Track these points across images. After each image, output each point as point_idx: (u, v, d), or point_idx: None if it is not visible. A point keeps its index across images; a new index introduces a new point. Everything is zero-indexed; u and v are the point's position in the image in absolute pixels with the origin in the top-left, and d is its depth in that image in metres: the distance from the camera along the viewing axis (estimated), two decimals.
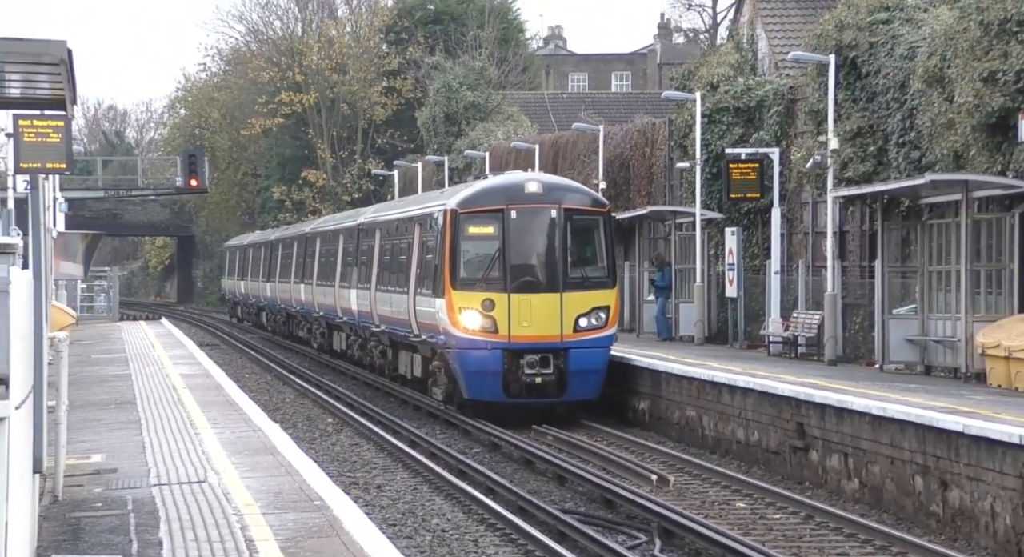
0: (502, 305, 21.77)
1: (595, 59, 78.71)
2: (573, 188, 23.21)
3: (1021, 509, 13.03)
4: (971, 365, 19.19)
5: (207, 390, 19.81)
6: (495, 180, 23.32)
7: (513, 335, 21.71)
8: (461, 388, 22.26)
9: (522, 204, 22.08)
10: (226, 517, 10.17)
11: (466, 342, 21.82)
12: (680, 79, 32.81)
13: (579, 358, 21.76)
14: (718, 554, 12.87)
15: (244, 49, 71.52)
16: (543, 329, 21.76)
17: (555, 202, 22.16)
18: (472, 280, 22.02)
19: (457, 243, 22.13)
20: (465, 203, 22.39)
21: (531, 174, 23.96)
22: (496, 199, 22.25)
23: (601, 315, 22.00)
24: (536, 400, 21.87)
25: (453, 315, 21.89)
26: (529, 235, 22.08)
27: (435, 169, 48.59)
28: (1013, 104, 18.62)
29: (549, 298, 21.83)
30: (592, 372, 21.91)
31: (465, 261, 22.18)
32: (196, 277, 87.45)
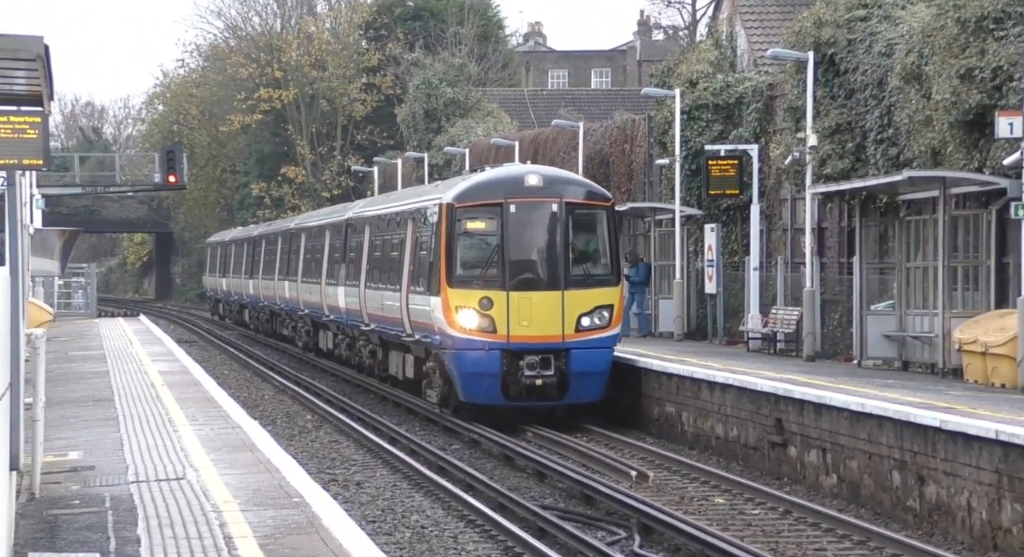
0: (500, 304, 20.75)
1: (575, 56, 78.75)
2: (575, 181, 22.27)
3: (997, 504, 13.11)
4: (948, 361, 19.28)
5: (186, 387, 19.75)
6: (493, 173, 22.20)
7: (512, 335, 20.71)
8: (457, 391, 21.28)
9: (521, 198, 21.03)
10: (205, 514, 10.15)
11: (463, 342, 20.80)
12: (660, 76, 32.86)
13: (581, 359, 20.78)
14: (697, 550, 12.90)
15: (223, 45, 71.30)
16: (543, 329, 20.75)
17: (556, 195, 21.10)
18: (469, 278, 21.02)
19: (453, 239, 21.09)
20: (462, 197, 21.31)
21: (531, 166, 22.98)
22: (494, 192, 21.18)
23: (604, 314, 20.98)
24: (536, 403, 20.92)
25: (449, 314, 20.86)
26: (529, 230, 21.05)
27: (415, 166, 48.55)
28: (990, 101, 18.71)
29: (550, 296, 20.82)
30: (595, 374, 20.92)
31: (462, 258, 21.15)
32: (175, 274, 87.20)
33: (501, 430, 20.13)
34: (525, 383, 20.65)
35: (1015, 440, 12.80)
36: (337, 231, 30.89)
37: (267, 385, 30.57)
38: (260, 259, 44.12)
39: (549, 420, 21.17)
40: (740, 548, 12.58)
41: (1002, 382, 17.73)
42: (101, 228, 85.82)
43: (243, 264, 48.07)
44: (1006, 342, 17.61)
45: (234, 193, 71.99)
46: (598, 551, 12.55)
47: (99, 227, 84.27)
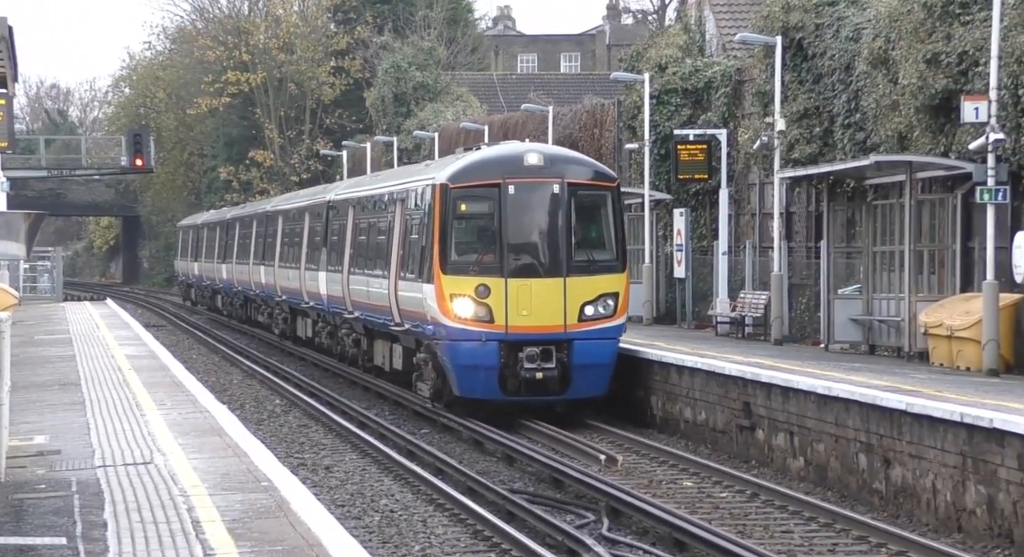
0: (498, 291, 19.38)
1: (544, 40, 78.65)
2: (578, 160, 20.73)
3: (961, 486, 13.23)
4: (914, 344, 19.43)
5: (153, 371, 19.66)
6: (490, 151, 20.73)
7: (510, 325, 19.35)
8: (451, 384, 19.92)
9: (521, 178, 19.58)
10: (172, 498, 10.12)
11: (457, 333, 19.44)
12: (629, 60, 32.86)
13: (584, 351, 19.44)
14: (665, 533, 12.97)
15: (189, 27, 70.80)
16: (544, 318, 19.39)
17: (558, 176, 19.66)
18: (464, 264, 19.63)
19: (447, 222, 19.65)
20: (457, 177, 19.85)
21: (531, 144, 21.52)
22: (491, 172, 19.74)
23: (609, 302, 19.66)
24: (536, 398, 19.60)
25: (443, 302, 19.50)
26: (529, 213, 19.61)
27: (384, 150, 48.41)
28: (956, 86, 18.82)
29: (551, 284, 19.45)
30: (599, 367, 19.60)
31: (456, 242, 19.74)
32: (142, 257, 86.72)
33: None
34: (524, 377, 19.38)
35: (979, 423, 12.92)
36: (318, 214, 29.67)
37: (235, 369, 30.47)
38: (234, 243, 42.79)
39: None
40: (708, 530, 12.65)
41: (967, 365, 17.88)
42: (67, 211, 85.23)
43: (216, 248, 46.66)
44: (971, 325, 17.75)
45: (202, 177, 71.61)
46: (567, 534, 12.60)
47: (65, 210, 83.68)
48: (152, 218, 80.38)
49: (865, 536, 12.97)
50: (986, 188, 17.59)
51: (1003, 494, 12.61)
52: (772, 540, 12.98)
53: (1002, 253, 17.66)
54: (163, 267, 79.13)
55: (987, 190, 17.58)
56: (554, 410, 19.92)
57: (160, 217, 78.08)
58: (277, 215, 35.65)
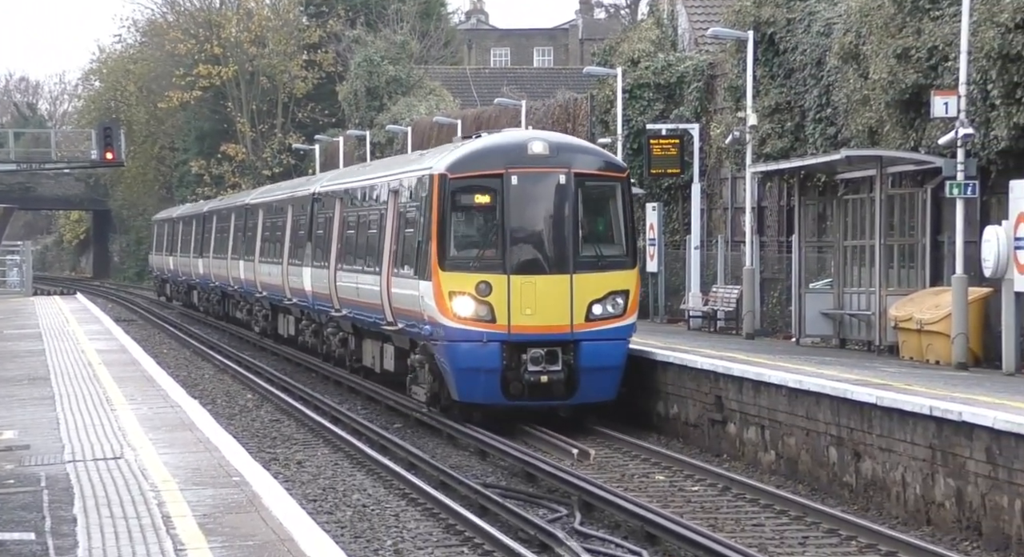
0: (500, 289, 18.18)
1: (517, 34, 78.63)
2: (585, 148, 19.51)
3: (931, 479, 13.32)
4: (884, 338, 19.54)
5: (124, 366, 19.56)
6: (491, 139, 19.36)
7: (514, 325, 18.15)
8: (450, 388, 18.67)
9: (525, 168, 18.38)
10: (143, 493, 10.08)
11: (457, 333, 18.20)
12: (601, 55, 32.90)
13: (592, 353, 18.29)
14: (637, 526, 13.00)
15: (160, 20, 70.42)
16: (549, 318, 18.22)
17: (564, 165, 18.47)
18: (465, 259, 18.42)
19: (446, 215, 18.40)
20: (456, 166, 18.58)
21: (535, 132, 20.39)
22: (493, 162, 18.50)
23: (618, 301, 18.49)
24: (540, 402, 18.48)
25: (441, 301, 18.26)
26: (533, 205, 18.42)
27: (357, 143, 48.29)
28: (926, 80, 18.92)
29: (557, 281, 18.29)
30: (607, 369, 18.46)
31: (456, 236, 18.51)
32: (112, 252, 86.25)
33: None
34: (528, 380, 18.19)
35: (948, 416, 13.00)
36: (302, 206, 28.30)
37: (207, 364, 30.35)
38: (211, 237, 41.27)
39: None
40: (679, 524, 12.69)
41: (936, 359, 18.00)
42: (36, 205, 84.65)
43: (192, 242, 45.14)
44: (940, 319, 17.86)
45: (173, 171, 71.25)
46: (539, 528, 12.62)
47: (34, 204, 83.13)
48: (123, 212, 79.96)
49: (835, 529, 13.04)
50: (955, 183, 17.69)
51: (971, 487, 12.70)
52: (743, 533, 13.03)
53: (971, 247, 17.77)
54: (134, 261, 78.73)
55: (956, 185, 17.69)
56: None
57: (131, 211, 77.66)
58: (257, 208, 34.54)
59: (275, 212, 31.87)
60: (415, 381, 20.24)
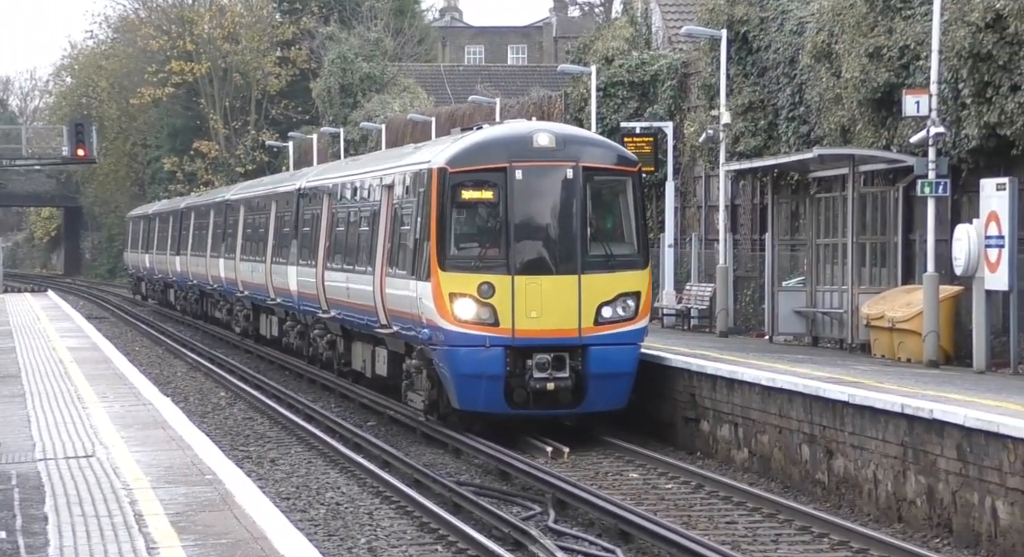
0: (504, 290, 17.10)
1: (491, 32, 78.62)
2: (594, 141, 18.44)
3: (902, 476, 13.40)
4: (856, 336, 19.64)
5: (95, 363, 19.46)
6: (493, 131, 18.27)
7: (518, 329, 17.09)
8: (450, 395, 17.55)
9: (530, 161, 17.30)
10: (115, 492, 10.03)
11: (458, 337, 17.09)
12: (575, 52, 32.93)
13: (601, 358, 17.22)
14: (611, 524, 13.03)
15: (132, 16, 70.09)
16: (556, 321, 17.15)
17: (572, 159, 17.39)
18: (466, 259, 17.32)
19: (446, 211, 17.30)
20: (457, 160, 17.47)
21: (541, 123, 18.99)
22: (496, 155, 17.42)
23: (629, 303, 17.41)
24: (546, 411, 17.43)
25: (441, 303, 17.16)
26: (539, 201, 17.37)
27: (330, 141, 48.18)
28: (897, 79, 19.02)
29: (564, 282, 17.21)
30: (618, 376, 17.39)
31: (456, 235, 17.41)
32: (84, 249, 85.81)
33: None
34: (534, 387, 17.14)
35: (919, 413, 13.08)
36: (286, 202, 27.14)
37: (179, 362, 30.23)
38: (189, 234, 39.95)
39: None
40: (653, 522, 12.73)
41: (908, 356, 18.10)
42: (7, 202, 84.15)
43: (169, 239, 43.88)
44: (911, 317, 17.97)
45: (145, 167, 70.92)
46: (513, 526, 12.62)
47: (5, 201, 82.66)
48: (95, 209, 79.57)
49: (808, 526, 13.10)
50: (927, 181, 17.80)
51: (942, 484, 12.79)
52: (716, 531, 13.08)
53: (942, 246, 17.88)
54: (106, 258, 78.34)
55: (928, 183, 17.79)
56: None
57: (103, 208, 77.28)
58: (238, 204, 33.29)
59: (257, 208, 30.84)
60: (411, 388, 19.08)
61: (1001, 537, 11.97)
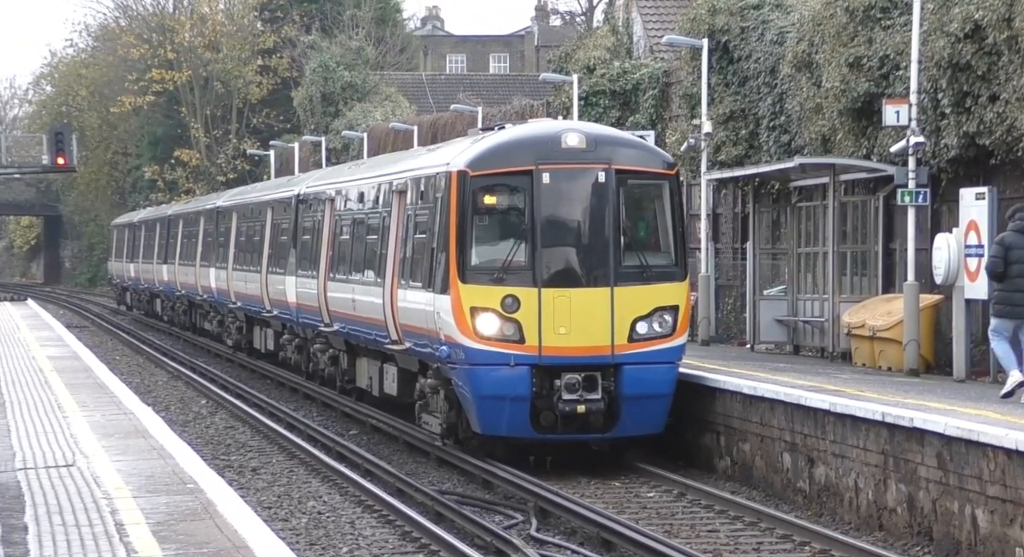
0: (530, 304, 15.77)
1: (473, 41, 78.72)
2: (627, 141, 17.00)
3: (883, 485, 13.45)
4: (837, 345, 19.71)
5: (76, 372, 19.39)
6: (518, 131, 16.92)
7: (545, 346, 15.75)
8: (471, 419, 16.16)
9: (558, 164, 15.97)
10: (95, 501, 9.99)
11: (479, 355, 15.74)
12: (557, 62, 33.01)
13: (636, 378, 15.93)
14: (593, 532, 13.04)
15: (113, 25, 69.93)
16: (587, 338, 15.83)
17: (604, 161, 16.06)
18: (488, 269, 15.95)
19: (466, 219, 15.95)
20: (478, 162, 16.11)
21: (569, 123, 17.78)
22: (521, 157, 16.10)
23: (667, 318, 16.12)
24: (576, 436, 16.07)
25: (461, 318, 15.80)
26: (568, 206, 16.04)
27: (312, 149, 48.14)
28: (877, 89, 19.13)
29: (595, 295, 15.88)
30: (654, 397, 16.10)
31: (478, 244, 16.04)
32: (64, 257, 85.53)
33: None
34: (562, 410, 15.75)
35: (900, 422, 13.13)
36: (284, 209, 25.70)
37: (161, 371, 30.14)
38: (177, 242, 38.63)
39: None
40: (635, 530, 12.74)
41: (888, 365, 18.17)
42: None
43: (155, 248, 42.44)
44: (892, 326, 18.04)
45: (126, 176, 70.74)
46: (495, 535, 12.62)
47: None
48: (75, 218, 79.32)
49: (789, 534, 13.13)
50: (907, 190, 17.88)
51: (923, 492, 12.84)
52: (699, 539, 13.11)
53: (922, 255, 17.97)
54: (86, 267, 78.07)
55: (908, 192, 17.88)
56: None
57: (83, 217, 77.05)
58: (231, 211, 31.76)
59: (252, 215, 29.34)
60: (426, 409, 17.58)
61: (981, 545, 12.02)
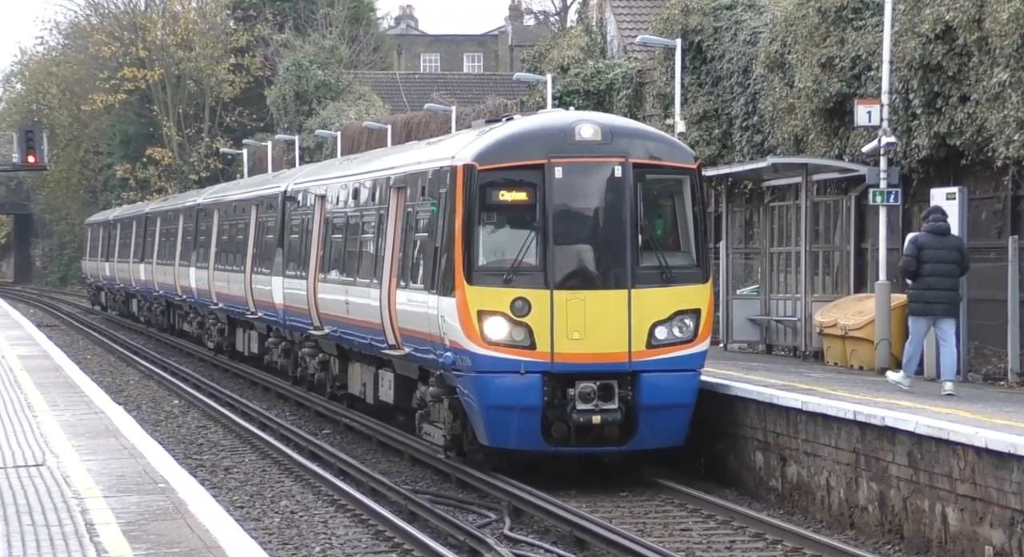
0: (542, 307, 14.76)
1: (447, 40, 78.66)
2: (646, 133, 15.94)
3: (854, 483, 13.51)
4: (810, 344, 19.80)
5: (46, 372, 19.27)
6: (528, 122, 15.82)
7: (558, 352, 14.75)
8: (477, 430, 15.15)
9: (571, 157, 14.96)
10: (65, 501, 9.93)
11: (487, 362, 14.74)
12: (531, 61, 33.03)
13: (655, 387, 14.94)
14: (566, 531, 13.05)
15: (84, 23, 69.55)
16: (602, 344, 14.84)
17: (620, 154, 15.03)
18: (496, 270, 14.91)
19: (474, 216, 14.93)
20: (486, 156, 15.09)
21: (583, 113, 16.69)
22: (532, 150, 15.06)
23: (687, 322, 15.10)
24: (591, 449, 15.12)
25: (467, 322, 14.81)
26: (582, 202, 15.04)
27: (285, 148, 48.01)
28: (849, 89, 19.23)
29: (611, 297, 14.87)
30: (674, 408, 15.09)
31: (486, 243, 15.05)
32: (35, 256, 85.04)
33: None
34: (576, 421, 14.75)
35: (872, 420, 13.20)
36: (269, 207, 24.76)
37: (132, 370, 29.98)
38: (155, 241, 37.42)
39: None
40: (608, 529, 12.76)
41: (860, 364, 18.26)
42: None
43: (132, 247, 41.22)
44: (864, 325, 18.14)
45: (98, 174, 70.37)
46: (468, 534, 12.62)
47: None
48: (45, 216, 78.89)
49: (761, 533, 13.18)
50: (878, 190, 17.97)
51: (894, 490, 12.91)
52: (671, 538, 13.13)
53: (894, 254, 18.06)
54: (57, 266, 77.65)
55: (879, 192, 17.97)
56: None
57: (54, 216, 76.64)
58: (212, 209, 30.61)
59: (235, 213, 28.15)
60: (427, 419, 16.57)
61: (951, 543, 12.10)
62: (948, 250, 15.02)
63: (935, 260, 14.97)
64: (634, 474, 15.65)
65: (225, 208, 29.65)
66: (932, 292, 15.00)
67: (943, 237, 15.10)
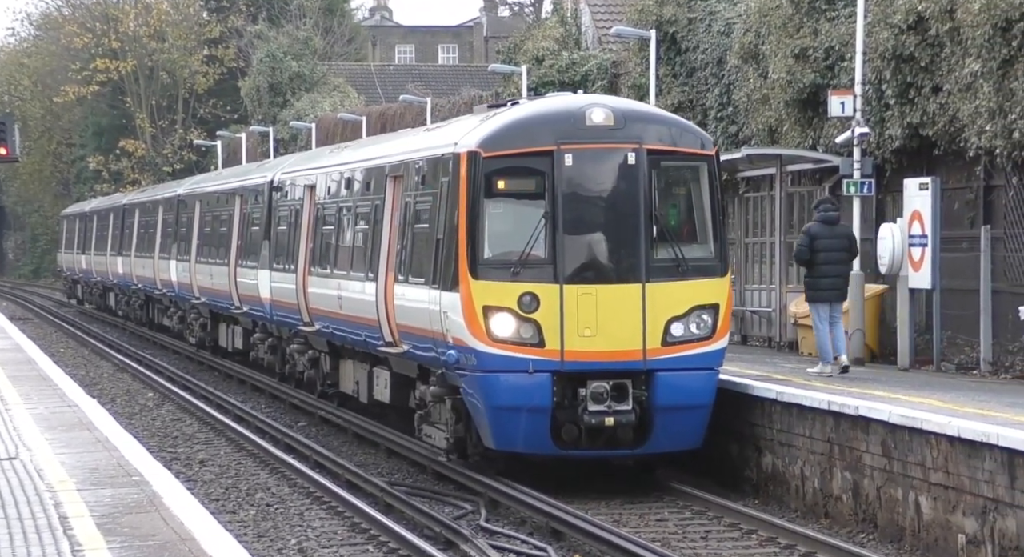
0: (551, 303, 13.96)
1: (421, 31, 78.51)
2: (661, 118, 15.00)
3: (828, 473, 13.59)
4: (784, 334, 19.88)
5: (19, 365, 19.17)
6: (536, 106, 14.93)
7: (568, 350, 13.96)
8: (483, 432, 14.39)
9: (582, 143, 14.13)
10: (39, 494, 9.89)
11: (493, 360, 13.93)
12: (506, 52, 32.99)
13: (671, 386, 14.16)
14: (542, 522, 13.08)
15: (56, 14, 69.08)
16: (615, 341, 14.05)
17: (633, 140, 14.19)
18: (503, 263, 14.08)
19: (479, 206, 14.08)
20: (492, 142, 14.22)
21: (594, 97, 15.83)
22: (541, 136, 14.20)
23: (705, 318, 14.31)
24: (603, 452, 14.40)
25: (472, 318, 13.98)
26: (593, 192, 14.22)
27: (260, 140, 47.85)
28: (823, 80, 19.29)
29: (625, 292, 14.07)
30: (691, 408, 14.32)
31: (492, 234, 14.17)
32: (7, 249, 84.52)
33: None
34: (588, 422, 13.99)
35: (845, 410, 13.27)
36: (255, 197, 23.98)
37: (106, 363, 29.85)
38: (133, 233, 36.57)
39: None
40: (584, 520, 12.79)
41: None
42: None
43: (109, 239, 40.27)
44: None
45: (70, 167, 69.98)
46: (445, 525, 12.62)
47: None
48: (18, 209, 78.42)
49: (736, 523, 13.23)
50: (852, 181, 18.05)
51: (868, 480, 12.98)
52: (647, 528, 13.18)
53: (867, 245, 18.14)
54: (30, 259, 77.19)
55: (853, 183, 18.05)
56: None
57: (26, 208, 76.19)
58: (193, 200, 29.77)
59: (218, 204, 27.29)
60: (428, 420, 15.75)
61: (924, 531, 12.18)
62: (839, 239, 15.96)
63: (827, 249, 15.81)
64: (609, 466, 15.24)
65: (207, 199, 28.80)
66: (827, 279, 15.83)
67: (833, 227, 15.95)
